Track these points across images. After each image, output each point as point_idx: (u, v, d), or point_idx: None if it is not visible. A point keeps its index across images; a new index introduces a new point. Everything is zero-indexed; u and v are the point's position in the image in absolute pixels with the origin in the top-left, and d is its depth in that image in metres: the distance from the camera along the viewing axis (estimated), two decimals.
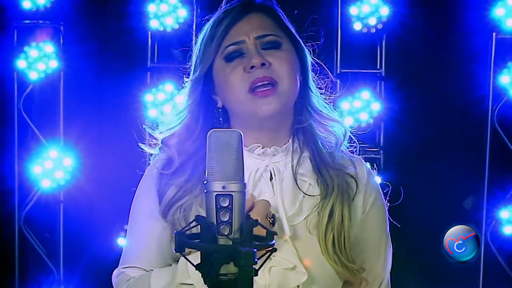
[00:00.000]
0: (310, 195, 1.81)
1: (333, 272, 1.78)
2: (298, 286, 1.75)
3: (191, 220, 1.71)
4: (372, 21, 4.12)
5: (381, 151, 4.21)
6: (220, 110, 1.87)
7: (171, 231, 1.78)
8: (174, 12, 4.13)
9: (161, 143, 1.89)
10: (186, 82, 1.89)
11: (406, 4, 4.07)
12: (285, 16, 1.89)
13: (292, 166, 1.84)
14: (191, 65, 1.89)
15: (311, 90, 1.88)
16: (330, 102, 1.94)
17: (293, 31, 1.88)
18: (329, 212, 1.78)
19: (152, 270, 1.79)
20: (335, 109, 1.94)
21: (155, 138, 1.92)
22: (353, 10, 4.14)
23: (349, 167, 1.87)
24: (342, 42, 4.17)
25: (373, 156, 4.17)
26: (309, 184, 1.83)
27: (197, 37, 1.89)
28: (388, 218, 1.95)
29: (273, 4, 1.90)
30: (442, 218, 4.12)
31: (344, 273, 1.78)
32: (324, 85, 1.94)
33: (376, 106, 4.13)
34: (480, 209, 4.19)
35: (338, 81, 4.13)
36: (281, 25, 1.86)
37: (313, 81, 1.91)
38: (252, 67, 1.75)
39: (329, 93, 1.95)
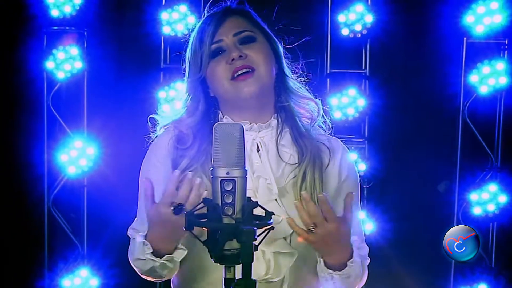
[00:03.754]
0: (290, 163, 1.85)
1: None
2: (285, 238, 1.78)
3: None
4: (358, 27, 4.11)
5: (366, 142, 4.20)
6: (213, 97, 1.92)
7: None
8: (184, 19, 4.12)
9: (173, 123, 1.92)
10: (184, 81, 1.95)
11: (388, 13, 4.06)
12: (258, 17, 1.96)
13: (276, 139, 1.89)
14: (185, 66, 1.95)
15: (286, 74, 1.94)
16: (303, 82, 1.99)
17: (266, 28, 1.95)
18: (302, 174, 1.82)
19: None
20: (307, 90, 1.99)
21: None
22: (341, 18, 4.13)
23: (324, 141, 1.93)
24: (332, 45, 4.17)
25: (359, 145, 4.18)
26: (290, 154, 1.87)
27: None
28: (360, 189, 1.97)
29: (247, 8, 1.97)
30: (418, 200, 4.14)
31: None
32: (298, 69, 1.99)
33: (362, 102, 4.12)
34: (452, 192, 4.20)
35: (328, 80, 4.16)
36: (255, 23, 1.93)
37: (288, 67, 1.96)
38: (232, 59, 1.83)
39: (304, 76, 2.00)
